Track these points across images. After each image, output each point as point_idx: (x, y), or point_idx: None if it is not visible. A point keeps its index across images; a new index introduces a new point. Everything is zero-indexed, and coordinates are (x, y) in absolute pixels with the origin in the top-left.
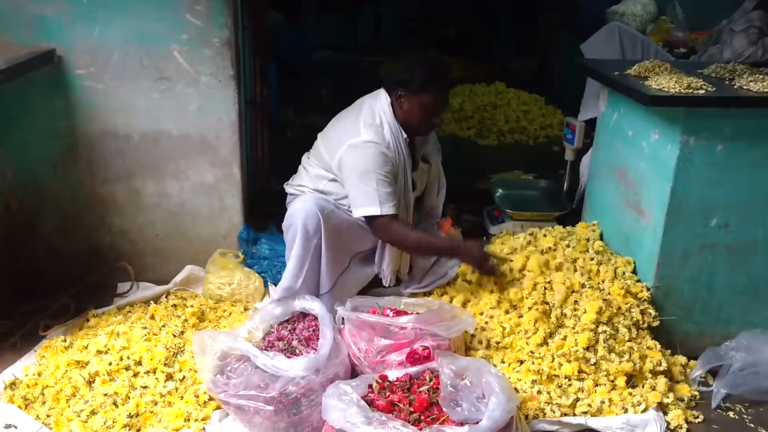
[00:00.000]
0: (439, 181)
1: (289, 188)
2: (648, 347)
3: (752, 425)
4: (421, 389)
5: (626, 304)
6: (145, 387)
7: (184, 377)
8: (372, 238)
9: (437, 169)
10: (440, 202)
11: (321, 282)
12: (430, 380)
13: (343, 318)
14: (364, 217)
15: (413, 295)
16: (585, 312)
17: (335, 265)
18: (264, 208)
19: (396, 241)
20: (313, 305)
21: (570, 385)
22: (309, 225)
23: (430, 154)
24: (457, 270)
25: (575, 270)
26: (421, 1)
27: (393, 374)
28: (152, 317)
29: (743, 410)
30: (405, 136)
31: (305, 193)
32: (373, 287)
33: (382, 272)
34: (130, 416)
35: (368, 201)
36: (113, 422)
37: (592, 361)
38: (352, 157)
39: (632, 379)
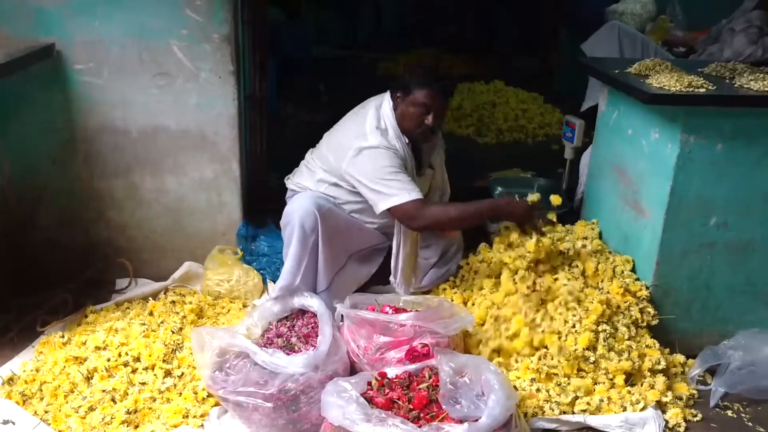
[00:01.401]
0: (443, 186)
1: (289, 184)
2: (647, 346)
3: (750, 424)
4: (421, 386)
5: (625, 302)
6: (143, 383)
7: (182, 374)
8: (370, 236)
9: (441, 175)
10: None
11: (318, 280)
12: (430, 377)
13: (342, 315)
14: (390, 210)
15: (412, 292)
16: (585, 311)
17: (332, 263)
18: (263, 205)
19: (436, 221)
20: (312, 302)
21: (569, 383)
22: (306, 223)
23: (435, 159)
24: (455, 268)
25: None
26: None
27: (392, 371)
28: (151, 313)
29: (741, 409)
30: (406, 140)
31: (306, 190)
32: (372, 285)
33: (396, 282)
34: (128, 412)
35: (393, 191)
36: (111, 418)
37: (591, 359)
38: (363, 160)
39: (631, 378)
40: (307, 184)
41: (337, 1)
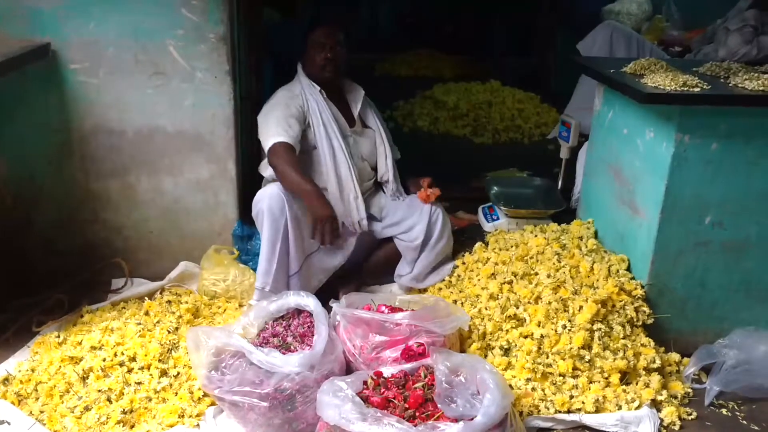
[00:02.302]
0: (385, 147)
1: None
2: (642, 344)
3: (744, 422)
4: (416, 386)
5: (620, 301)
6: (139, 383)
7: (178, 373)
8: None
9: (381, 134)
10: (390, 168)
11: (290, 262)
12: (425, 377)
13: (338, 314)
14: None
15: (409, 291)
16: (580, 309)
17: (302, 246)
18: None
19: (278, 171)
20: (308, 302)
21: (564, 382)
22: (274, 206)
23: (367, 117)
24: (451, 268)
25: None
26: None
27: (388, 371)
28: (146, 313)
29: (736, 407)
30: (319, 88)
31: None
32: (368, 285)
33: (340, 220)
34: (124, 412)
35: (268, 133)
36: (107, 418)
37: (587, 358)
38: (263, 108)
39: (626, 377)
40: (265, 176)
41: (333, 1)
